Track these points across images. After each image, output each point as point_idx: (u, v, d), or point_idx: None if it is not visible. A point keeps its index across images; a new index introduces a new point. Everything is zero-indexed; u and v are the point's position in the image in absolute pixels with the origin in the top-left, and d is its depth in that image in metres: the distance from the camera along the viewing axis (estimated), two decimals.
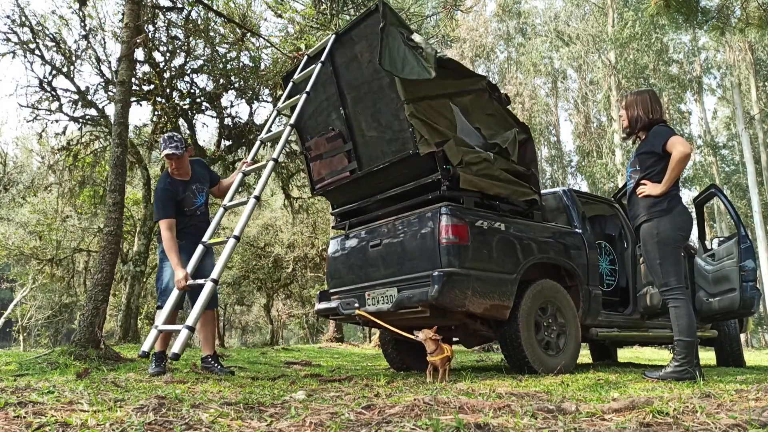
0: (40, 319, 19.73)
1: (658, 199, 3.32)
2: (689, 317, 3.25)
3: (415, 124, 3.75)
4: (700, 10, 5.53)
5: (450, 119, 4.01)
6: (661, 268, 3.30)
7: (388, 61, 3.64)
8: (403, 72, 3.63)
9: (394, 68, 3.63)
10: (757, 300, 5.32)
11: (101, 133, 9.98)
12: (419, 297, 3.68)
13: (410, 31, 3.88)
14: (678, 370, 3.17)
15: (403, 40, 3.72)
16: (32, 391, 2.13)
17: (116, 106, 4.91)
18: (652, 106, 3.46)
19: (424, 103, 3.84)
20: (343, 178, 4.50)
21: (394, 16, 3.83)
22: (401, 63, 3.65)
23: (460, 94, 4.14)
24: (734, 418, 1.49)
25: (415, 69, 3.62)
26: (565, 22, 25.79)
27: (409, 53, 3.68)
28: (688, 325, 3.23)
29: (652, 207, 3.34)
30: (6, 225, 16.04)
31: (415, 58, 3.65)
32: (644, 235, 3.40)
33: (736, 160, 28.05)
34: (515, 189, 4.28)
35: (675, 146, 3.21)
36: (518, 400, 2.09)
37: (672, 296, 3.29)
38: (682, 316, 3.25)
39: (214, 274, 3.32)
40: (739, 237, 5.36)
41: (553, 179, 29.35)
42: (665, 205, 3.31)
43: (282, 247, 17.13)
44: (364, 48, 4.03)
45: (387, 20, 3.71)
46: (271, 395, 2.35)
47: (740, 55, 21.75)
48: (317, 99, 4.49)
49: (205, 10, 8.49)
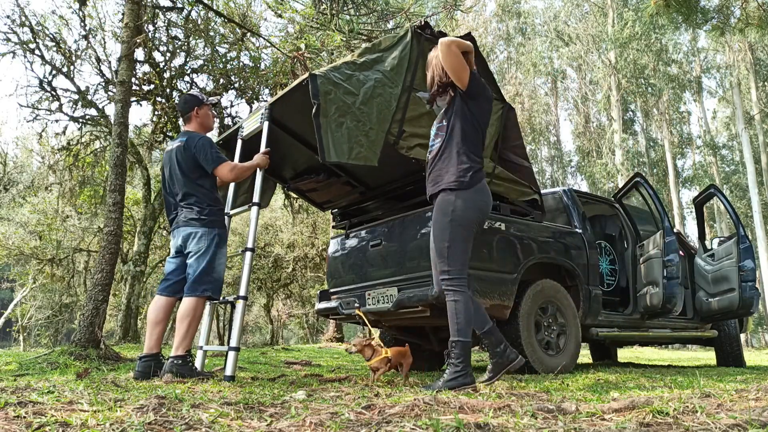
0: (40, 319, 19.72)
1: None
2: (469, 313, 2.77)
3: (406, 146, 3.66)
4: (699, 10, 5.53)
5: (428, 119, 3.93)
6: (448, 251, 2.82)
7: (333, 152, 3.14)
8: (350, 156, 3.21)
9: (341, 157, 3.18)
10: (756, 300, 5.32)
11: (101, 133, 9.97)
12: (420, 296, 3.68)
13: (350, 70, 3.32)
14: (457, 377, 2.69)
15: (342, 108, 3.21)
16: (32, 391, 2.13)
17: (116, 106, 4.91)
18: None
19: (407, 124, 3.66)
20: (354, 198, 4.59)
21: (326, 84, 3.20)
22: (347, 146, 3.20)
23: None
24: (734, 418, 1.49)
25: (362, 153, 3.24)
26: (565, 22, 25.79)
27: (353, 127, 3.23)
28: (467, 323, 2.76)
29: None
30: (6, 225, 16.03)
31: (363, 134, 3.26)
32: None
33: (736, 160, 28.05)
34: (511, 187, 4.27)
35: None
36: (518, 400, 2.09)
37: (451, 287, 2.80)
38: (461, 312, 2.76)
39: (242, 291, 3.31)
40: (739, 237, 5.37)
41: (553, 179, 29.35)
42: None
43: (282, 247, 17.13)
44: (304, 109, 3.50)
45: (319, 102, 3.14)
46: (271, 395, 2.35)
47: (740, 56, 21.74)
48: (281, 155, 4.32)
49: (205, 10, 8.49)
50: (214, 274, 3.39)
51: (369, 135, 3.29)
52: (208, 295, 3.35)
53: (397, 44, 3.57)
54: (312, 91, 3.13)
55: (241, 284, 3.35)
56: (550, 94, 29.13)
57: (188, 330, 3.26)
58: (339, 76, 3.25)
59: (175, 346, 3.25)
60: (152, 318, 3.40)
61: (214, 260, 3.39)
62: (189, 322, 3.25)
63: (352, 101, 3.25)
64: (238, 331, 3.25)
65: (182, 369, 3.16)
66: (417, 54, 3.65)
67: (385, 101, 3.40)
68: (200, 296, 3.31)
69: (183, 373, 3.14)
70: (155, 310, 3.41)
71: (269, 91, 9.13)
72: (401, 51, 3.53)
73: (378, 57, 3.49)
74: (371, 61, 3.45)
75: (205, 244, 3.38)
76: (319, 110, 3.12)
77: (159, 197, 10.51)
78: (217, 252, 3.42)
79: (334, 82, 3.21)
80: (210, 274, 3.36)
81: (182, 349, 3.22)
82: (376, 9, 7.75)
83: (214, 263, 3.39)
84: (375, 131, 3.32)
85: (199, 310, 3.32)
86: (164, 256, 15.04)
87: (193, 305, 3.28)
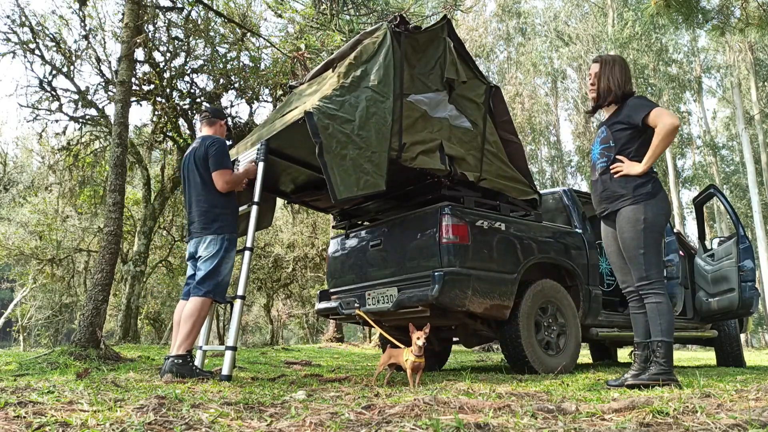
0: (40, 319, 19.71)
1: (640, 181, 2.89)
2: (671, 315, 2.86)
3: (409, 157, 3.66)
4: (700, 10, 5.52)
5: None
6: (644, 258, 2.87)
7: (343, 188, 3.18)
8: (359, 188, 3.26)
9: (351, 191, 3.22)
10: (756, 300, 5.32)
11: (101, 133, 9.97)
12: (420, 296, 3.68)
13: (340, 96, 3.32)
14: (660, 374, 2.76)
15: (342, 140, 3.22)
16: (32, 391, 2.13)
17: (116, 106, 4.91)
18: (627, 75, 3.03)
19: (406, 134, 3.65)
20: (360, 201, 4.61)
21: (323, 119, 3.18)
22: (354, 178, 3.24)
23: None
24: (734, 418, 1.49)
25: (370, 180, 3.30)
26: (565, 22, 25.80)
27: (356, 156, 3.25)
28: (670, 324, 2.83)
29: (637, 189, 2.89)
30: (6, 225, 16.03)
31: (366, 161, 3.29)
32: (625, 220, 2.93)
33: (736, 161, 28.05)
34: (511, 185, 4.28)
35: (661, 118, 2.79)
36: (518, 400, 2.09)
37: (653, 290, 2.87)
38: (665, 314, 2.83)
39: (240, 290, 3.34)
40: (738, 237, 5.37)
41: (553, 179, 29.34)
42: (650, 188, 2.88)
43: (282, 247, 17.13)
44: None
45: (321, 140, 3.14)
46: (271, 395, 2.35)
47: (740, 56, 21.74)
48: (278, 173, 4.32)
49: (205, 10, 8.49)
50: (219, 277, 3.42)
51: (372, 159, 3.32)
52: (211, 297, 3.38)
53: (379, 51, 3.57)
54: (311, 130, 3.14)
55: (239, 283, 3.36)
56: (550, 94, 29.12)
57: (191, 330, 3.28)
58: (332, 106, 3.26)
59: (177, 345, 3.27)
60: (175, 320, 3.50)
61: (221, 263, 3.42)
62: (193, 322, 3.28)
63: (350, 129, 3.27)
64: (235, 331, 3.26)
65: (182, 369, 3.18)
66: (400, 56, 3.66)
67: (381, 119, 3.41)
68: (203, 297, 3.33)
69: (183, 372, 3.16)
70: (177, 313, 3.50)
71: (269, 91, 9.14)
72: (384, 58, 3.53)
73: (363, 71, 3.48)
74: (357, 79, 3.44)
75: (214, 249, 3.42)
76: (322, 148, 3.14)
77: (159, 197, 10.52)
78: (225, 256, 3.45)
79: (329, 114, 3.22)
80: (215, 276, 3.39)
81: (183, 349, 3.25)
82: (376, 9, 7.75)
83: (220, 266, 3.42)
84: (377, 154, 3.35)
85: (204, 310, 3.34)
86: (164, 256, 15.05)
87: (198, 306, 3.31)
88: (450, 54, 3.92)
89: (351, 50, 3.95)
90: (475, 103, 4.12)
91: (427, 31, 3.90)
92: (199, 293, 3.34)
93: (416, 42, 3.81)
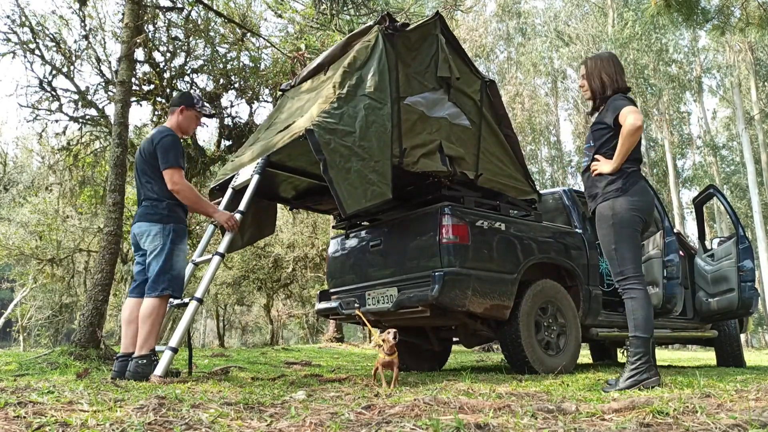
0: (40, 319, 19.71)
1: (611, 178, 2.94)
2: (647, 310, 2.84)
3: (411, 162, 3.67)
4: (700, 10, 5.53)
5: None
6: (616, 253, 2.89)
7: (351, 201, 3.21)
8: (366, 200, 3.28)
9: (359, 204, 3.25)
10: (756, 300, 5.32)
11: (101, 133, 9.97)
12: (420, 297, 3.68)
13: (338, 108, 3.31)
14: (635, 374, 2.73)
15: (344, 153, 3.23)
16: (32, 391, 2.13)
17: (116, 106, 4.91)
18: (615, 72, 3.04)
19: (406, 138, 3.64)
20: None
21: (324, 135, 3.18)
22: (361, 190, 3.26)
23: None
24: (734, 418, 1.49)
25: (377, 191, 3.31)
26: (565, 22, 25.79)
27: (360, 168, 3.27)
28: (645, 320, 2.82)
29: (606, 186, 2.95)
30: (6, 225, 16.03)
31: (371, 171, 3.31)
32: (598, 217, 2.99)
33: (736, 161, 28.05)
34: (509, 183, 4.28)
35: (626, 117, 2.81)
36: (518, 400, 2.09)
37: (628, 286, 2.87)
38: (638, 309, 2.83)
39: (198, 293, 3.28)
40: (738, 237, 5.37)
41: (553, 179, 29.34)
42: (620, 184, 2.92)
43: (282, 247, 17.12)
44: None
45: (324, 157, 3.14)
46: (271, 395, 2.35)
47: (740, 56, 21.73)
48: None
49: (205, 10, 8.49)
50: (173, 272, 3.31)
51: (377, 169, 3.32)
52: (168, 294, 3.27)
53: (372, 55, 3.55)
54: (313, 147, 3.13)
55: (200, 286, 3.31)
56: (550, 94, 29.11)
57: (151, 330, 3.20)
58: (332, 120, 3.25)
59: (139, 345, 3.19)
60: (125, 318, 3.39)
61: (171, 257, 3.30)
62: (151, 322, 3.20)
63: (352, 141, 3.26)
64: (181, 332, 3.16)
65: (146, 369, 3.10)
66: (394, 58, 3.65)
67: (380, 126, 3.40)
68: (160, 296, 3.24)
69: (147, 373, 3.07)
70: (126, 310, 3.40)
71: (269, 92, 9.14)
72: (378, 63, 3.52)
73: (358, 78, 3.46)
74: (353, 87, 3.42)
75: (160, 242, 3.31)
76: (326, 164, 3.14)
77: None
78: (174, 249, 3.33)
79: (330, 129, 3.21)
80: (168, 272, 3.28)
81: (146, 349, 3.17)
82: (376, 9, 7.75)
83: (171, 260, 3.30)
84: (381, 163, 3.35)
85: (161, 309, 3.26)
86: None
87: (155, 305, 3.23)
88: (443, 51, 3.91)
89: (342, 51, 3.94)
90: (471, 99, 4.12)
91: (419, 28, 3.88)
92: (155, 293, 3.23)
93: (409, 40, 3.80)
